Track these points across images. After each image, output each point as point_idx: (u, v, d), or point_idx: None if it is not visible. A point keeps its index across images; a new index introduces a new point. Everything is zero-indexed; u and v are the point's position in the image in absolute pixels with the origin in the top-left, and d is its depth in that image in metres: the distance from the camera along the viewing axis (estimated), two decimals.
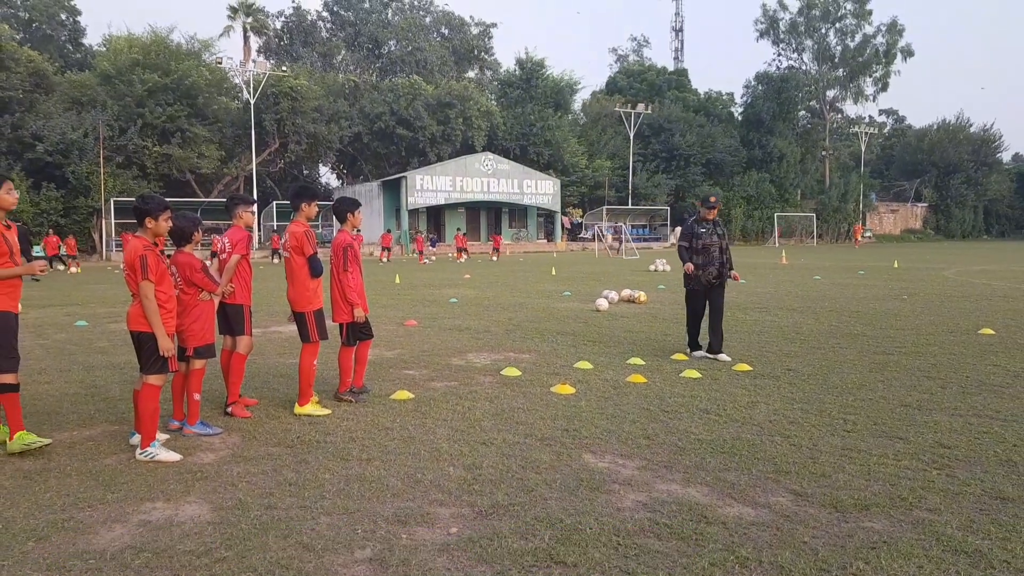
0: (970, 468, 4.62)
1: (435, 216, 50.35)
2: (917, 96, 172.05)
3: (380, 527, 3.84)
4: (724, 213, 62.02)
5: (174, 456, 4.96)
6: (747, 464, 4.75)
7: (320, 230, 45.33)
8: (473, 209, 51.41)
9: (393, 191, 47.62)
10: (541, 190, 51.70)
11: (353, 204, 6.64)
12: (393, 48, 63.92)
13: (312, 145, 49.15)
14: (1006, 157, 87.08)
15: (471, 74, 67.75)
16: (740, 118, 69.57)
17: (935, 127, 79.26)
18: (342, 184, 58.75)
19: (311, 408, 6.17)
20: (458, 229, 40.77)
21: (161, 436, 5.27)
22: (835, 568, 3.29)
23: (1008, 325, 11.04)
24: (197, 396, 5.63)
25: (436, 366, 8.30)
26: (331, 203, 7.11)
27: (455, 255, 38.31)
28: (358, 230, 6.78)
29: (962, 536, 3.61)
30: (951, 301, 14.72)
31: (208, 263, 6.07)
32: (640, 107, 58.72)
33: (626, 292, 15.35)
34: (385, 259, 36.54)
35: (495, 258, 37.62)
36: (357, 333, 6.62)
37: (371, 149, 53.22)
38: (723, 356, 8.46)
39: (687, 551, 3.49)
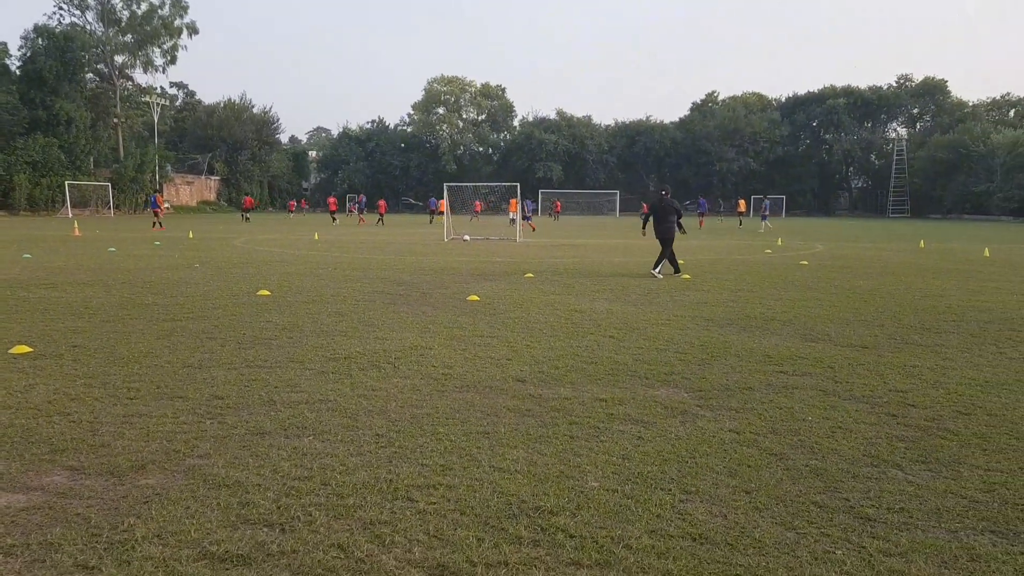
0: (239, 413, 5.29)
1: None
2: (207, 73, 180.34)
3: None
4: (6, 180, 54.06)
5: None
6: (19, 450, 4.43)
7: None
8: None
9: None
10: None
11: None
12: None
13: None
14: (284, 139, 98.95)
15: None
16: (18, 73, 60.93)
17: (222, 105, 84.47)
18: None
19: None
20: None
21: None
22: (107, 530, 3.40)
23: (282, 286, 12.76)
24: None
25: None
26: None
27: None
28: None
29: (226, 473, 4.15)
30: (237, 267, 16.16)
31: None
32: None
33: None
34: None
35: None
36: None
37: None
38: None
39: None
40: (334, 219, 48.09)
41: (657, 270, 15.06)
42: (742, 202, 54.12)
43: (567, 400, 5.75)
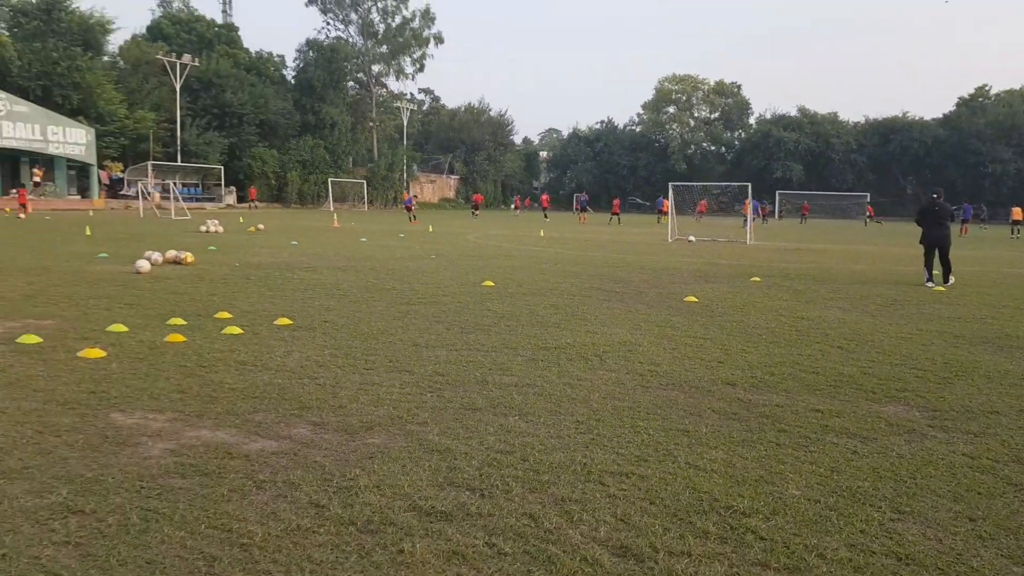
0: (455, 389, 5.76)
1: None
2: (449, 79, 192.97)
3: None
4: (280, 176, 62.20)
5: None
6: (275, 405, 5.21)
7: None
8: None
9: None
10: (71, 139, 45.21)
11: None
12: None
13: None
14: (517, 140, 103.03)
15: None
16: (293, 82, 69.64)
17: (463, 109, 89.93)
18: None
19: None
20: None
21: None
22: (336, 476, 3.94)
23: (505, 278, 13.47)
24: None
25: None
26: None
27: None
28: None
29: (439, 440, 4.57)
30: (468, 260, 17.27)
31: None
32: (187, 58, 54.83)
33: (171, 253, 14.74)
34: None
35: (22, 215, 33.09)
36: None
37: None
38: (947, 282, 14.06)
39: (208, 483, 3.80)
40: (545, 216, 50.53)
41: (949, 282, 14.13)
42: (1016, 210, 45.28)
43: (778, 407, 5.54)
